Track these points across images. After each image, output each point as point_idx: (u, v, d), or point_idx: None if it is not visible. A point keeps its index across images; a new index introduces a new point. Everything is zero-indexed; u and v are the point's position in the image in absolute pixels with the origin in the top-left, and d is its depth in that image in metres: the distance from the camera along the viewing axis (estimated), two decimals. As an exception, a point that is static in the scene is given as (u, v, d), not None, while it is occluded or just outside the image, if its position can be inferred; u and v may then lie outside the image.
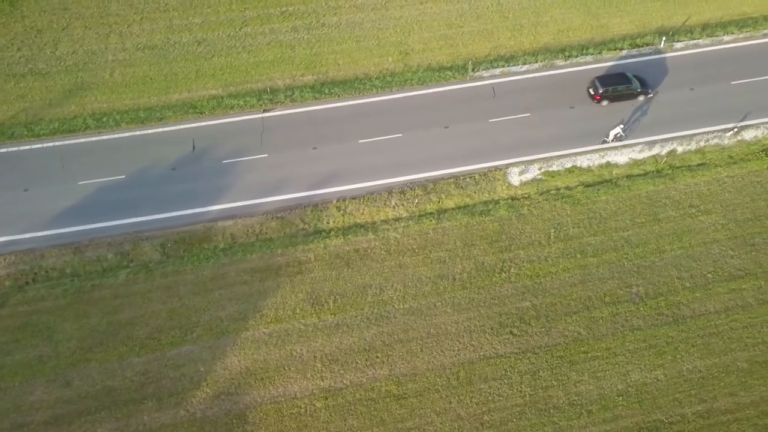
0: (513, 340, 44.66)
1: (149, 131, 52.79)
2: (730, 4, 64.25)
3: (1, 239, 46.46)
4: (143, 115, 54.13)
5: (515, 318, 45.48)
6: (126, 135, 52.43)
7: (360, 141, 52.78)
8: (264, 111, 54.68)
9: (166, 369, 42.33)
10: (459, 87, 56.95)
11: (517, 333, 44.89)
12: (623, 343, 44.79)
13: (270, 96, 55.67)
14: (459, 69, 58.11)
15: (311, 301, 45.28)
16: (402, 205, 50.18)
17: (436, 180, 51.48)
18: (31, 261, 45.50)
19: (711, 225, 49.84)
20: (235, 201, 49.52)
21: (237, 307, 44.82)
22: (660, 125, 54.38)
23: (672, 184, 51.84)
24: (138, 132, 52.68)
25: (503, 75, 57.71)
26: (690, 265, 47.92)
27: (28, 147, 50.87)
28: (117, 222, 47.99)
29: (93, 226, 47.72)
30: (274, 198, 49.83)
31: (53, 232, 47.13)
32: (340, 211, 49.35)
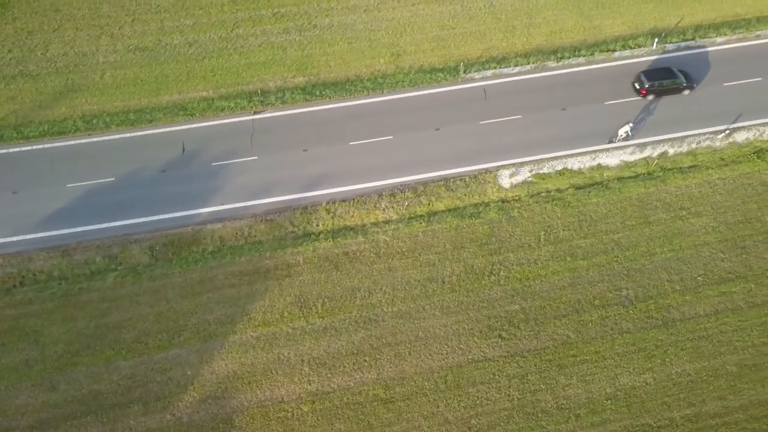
0: (502, 343, 44.53)
1: (139, 133, 52.66)
2: (723, 5, 64.03)
3: (-10, 242, 46.35)
4: (133, 117, 53.95)
5: (504, 321, 45.34)
6: (116, 137, 52.29)
7: (351, 143, 52.64)
8: (255, 113, 54.53)
9: (152, 373, 42.21)
10: (450, 89, 56.78)
11: (506, 336, 44.74)
12: (612, 347, 44.63)
13: (261, 98, 55.52)
14: (450, 71, 57.92)
15: (299, 305, 45.16)
16: (392, 208, 50.02)
17: (426, 182, 51.33)
18: (19, 264, 45.40)
19: (701, 227, 49.67)
20: (225, 203, 49.36)
21: (225, 311, 44.69)
22: (652, 127, 54.10)
23: (663, 186, 51.67)
24: (128, 134, 52.52)
25: (495, 77, 57.54)
26: (680, 268, 47.78)
27: (17, 149, 50.79)
28: (106, 225, 47.88)
29: (82, 228, 47.59)
30: (263, 200, 49.68)
31: (41, 234, 47.01)
32: (329, 214, 49.20)
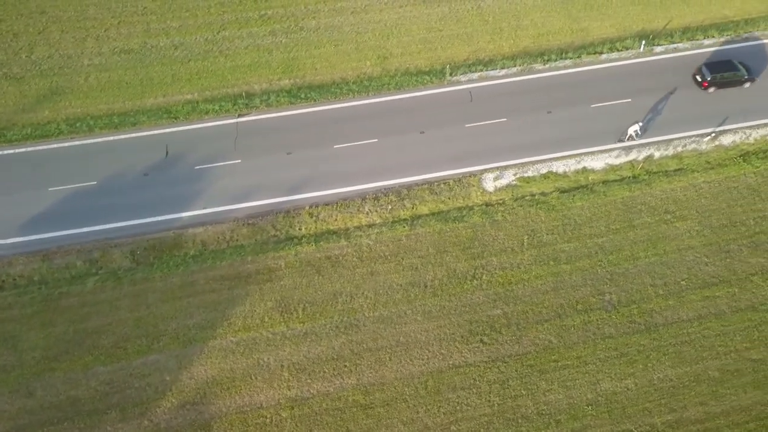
0: (483, 348, 44.33)
1: (123, 136, 52.52)
2: (711, 7, 63.80)
3: (-30, 246, 46.19)
4: (117, 120, 53.79)
5: (486, 326, 45.14)
6: (99, 140, 52.16)
7: (335, 146, 52.45)
8: (239, 116, 54.35)
9: (131, 378, 42.03)
10: (436, 91, 56.61)
11: (488, 341, 44.55)
12: (594, 352, 44.42)
13: (246, 101, 55.35)
14: (437, 73, 57.72)
15: (280, 310, 44.98)
16: (376, 211, 49.84)
17: (410, 186, 51.15)
18: (-1, 268, 45.25)
19: (686, 231, 49.45)
20: (207, 207, 49.19)
21: (205, 316, 44.52)
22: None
23: (648, 189, 51.46)
24: (111, 137, 52.38)
25: (481, 79, 57.35)
26: (664, 273, 47.55)
27: (-1, 153, 50.60)
28: (87, 229, 47.73)
29: (63, 233, 47.43)
30: (246, 204, 49.53)
31: (22, 239, 46.88)
32: (312, 218, 49.02)
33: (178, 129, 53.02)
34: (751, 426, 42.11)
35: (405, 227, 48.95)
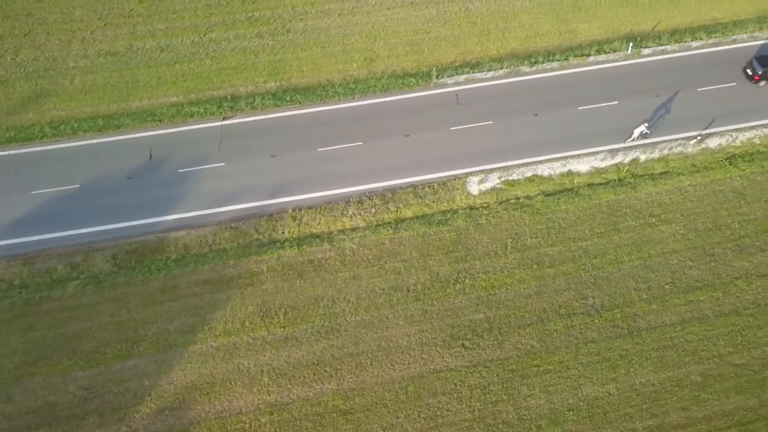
0: (464, 353, 44.14)
1: (107, 139, 52.34)
2: (700, 9, 63.61)
3: (-49, 250, 46.03)
4: (101, 123, 53.62)
5: (468, 330, 44.96)
6: (83, 143, 51.98)
7: (319, 149, 52.28)
8: (224, 119, 54.16)
9: (110, 384, 41.88)
10: (422, 94, 56.42)
11: (469, 346, 44.37)
12: (576, 356, 44.23)
13: (231, 103, 55.18)
14: (423, 76, 57.52)
15: (261, 314, 44.80)
16: (359, 215, 49.66)
17: (394, 189, 50.96)
18: (-20, 273, 45.09)
19: (671, 235, 49.25)
20: (190, 211, 49.01)
21: (186, 320, 44.36)
22: (623, 133, 53.63)
23: (633, 193, 51.25)
24: (95, 140, 52.21)
25: (468, 82, 57.17)
26: (648, 276, 47.34)
27: (-18, 156, 50.45)
28: (69, 232, 47.53)
29: (44, 236, 47.26)
30: (229, 207, 49.35)
31: (3, 242, 46.88)
32: (295, 221, 48.83)
33: (162, 132, 52.86)
34: (733, 431, 41.84)
35: (389, 231, 48.74)
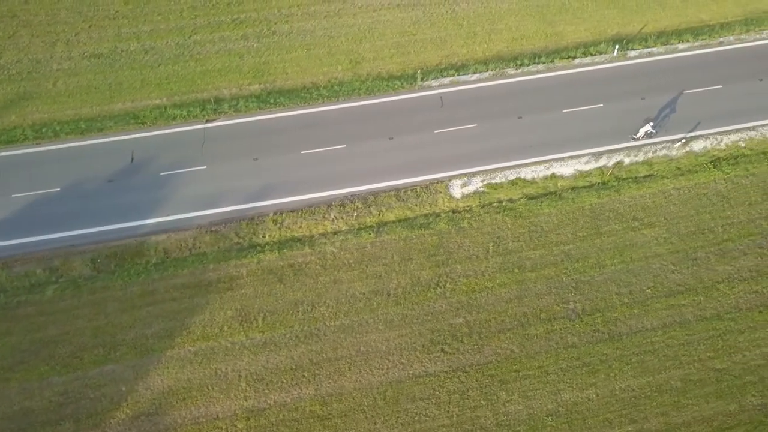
0: (444, 358, 43.92)
1: (88, 142, 52.15)
2: (687, 11, 63.41)
3: (-70, 254, 45.83)
4: (84, 126, 53.43)
5: (447, 335, 44.75)
6: (65, 146, 51.78)
7: (302, 152, 52.11)
8: (207, 121, 53.99)
9: (86, 389, 41.65)
10: (407, 97, 56.23)
11: (449, 351, 44.16)
12: (556, 361, 43.99)
13: (214, 106, 54.99)
14: (408, 78, 57.36)
15: (240, 319, 44.59)
16: (341, 218, 49.47)
17: (377, 192, 50.73)
18: (-42, 277, 44.91)
19: (653, 239, 49.03)
20: (171, 214, 48.83)
21: (164, 325, 44.13)
22: (607, 136, 53.41)
23: (617, 196, 51.01)
24: (77, 143, 52.02)
25: (453, 84, 56.97)
26: (629, 281, 47.12)
27: (-38, 160, 50.27)
28: (49, 236, 47.33)
29: (24, 240, 47.09)
30: (210, 211, 49.15)
31: (-18, 247, 46.40)
32: (276, 225, 48.64)
33: (144, 135, 52.68)
34: (713, 437, 41.71)
35: (370, 234, 48.54)
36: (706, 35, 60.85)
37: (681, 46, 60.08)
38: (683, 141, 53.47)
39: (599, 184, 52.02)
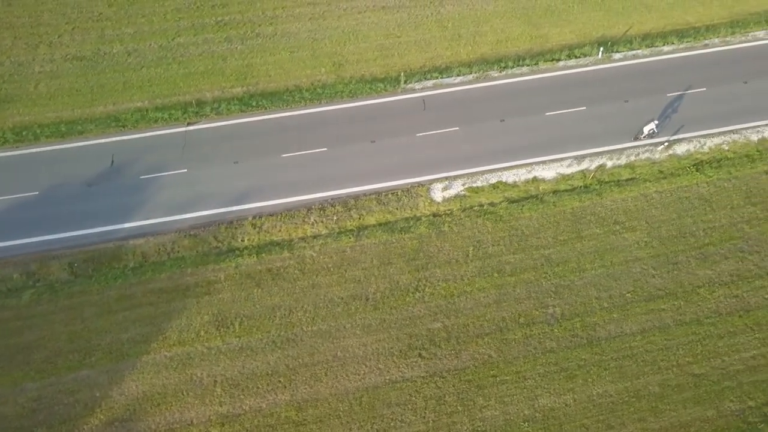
0: (421, 363, 43.71)
1: (68, 145, 51.96)
2: (673, 13, 63.15)
3: None
4: (64, 129, 53.25)
5: (425, 340, 44.53)
6: (44, 149, 51.62)
7: (283, 155, 51.88)
8: (188, 124, 53.79)
9: (60, 395, 41.45)
10: (390, 99, 56.01)
11: (426, 356, 43.93)
12: (534, 367, 43.77)
13: (196, 109, 54.79)
14: (391, 81, 57.12)
15: (217, 324, 44.39)
16: (321, 222, 49.25)
17: (358, 196, 50.53)
18: (-66, 282, 44.70)
19: (634, 243, 48.79)
20: (150, 218, 48.62)
21: (140, 330, 43.93)
22: (590, 139, 53.21)
23: (599, 200, 50.78)
24: (57, 146, 51.84)
25: (436, 87, 56.75)
26: (609, 285, 46.90)
27: (-58, 163, 50.08)
28: (26, 240, 47.15)
29: (1, 244, 46.66)
30: (189, 215, 48.96)
31: (-41, 251, 46.20)
32: (255, 229, 48.43)
33: (125, 138, 52.53)
34: (691, 443, 41.50)
35: (350, 238, 48.33)
36: (691, 38, 60.55)
37: (666, 48, 59.83)
38: (666, 144, 53.22)
39: (581, 187, 51.74)
